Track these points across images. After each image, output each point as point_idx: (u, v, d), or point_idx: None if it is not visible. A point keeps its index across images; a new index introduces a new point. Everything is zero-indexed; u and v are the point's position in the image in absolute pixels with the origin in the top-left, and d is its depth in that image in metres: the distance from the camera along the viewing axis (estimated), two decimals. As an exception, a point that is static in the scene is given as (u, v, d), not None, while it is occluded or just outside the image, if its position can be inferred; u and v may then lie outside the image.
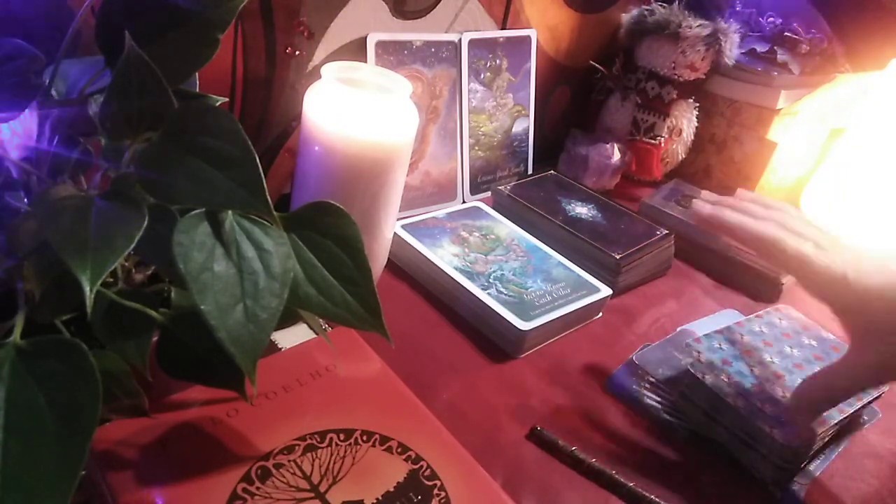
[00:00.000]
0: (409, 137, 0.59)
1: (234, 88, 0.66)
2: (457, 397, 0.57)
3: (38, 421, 0.29)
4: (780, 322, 0.66)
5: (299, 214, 0.39)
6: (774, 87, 0.94)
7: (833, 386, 0.53)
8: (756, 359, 0.60)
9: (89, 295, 0.28)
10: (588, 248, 0.76)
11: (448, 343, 0.64)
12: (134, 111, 0.34)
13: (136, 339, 0.36)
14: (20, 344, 0.31)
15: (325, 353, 0.49)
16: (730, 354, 0.60)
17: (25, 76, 0.36)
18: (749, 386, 0.56)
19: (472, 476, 0.43)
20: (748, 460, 0.56)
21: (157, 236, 0.33)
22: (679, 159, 1.04)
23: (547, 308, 0.65)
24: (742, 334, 0.63)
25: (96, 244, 0.30)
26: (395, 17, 0.74)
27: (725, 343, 0.61)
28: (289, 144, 0.73)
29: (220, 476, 0.39)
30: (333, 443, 0.43)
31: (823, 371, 0.55)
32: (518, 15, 0.87)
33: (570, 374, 0.63)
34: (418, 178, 0.80)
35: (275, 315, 0.34)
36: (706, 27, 0.92)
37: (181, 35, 0.37)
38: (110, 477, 0.38)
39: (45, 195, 0.33)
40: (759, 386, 0.57)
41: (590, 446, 0.55)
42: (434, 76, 0.79)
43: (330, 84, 0.57)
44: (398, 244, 0.71)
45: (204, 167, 0.33)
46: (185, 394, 0.44)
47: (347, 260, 0.39)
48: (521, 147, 0.93)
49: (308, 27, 0.67)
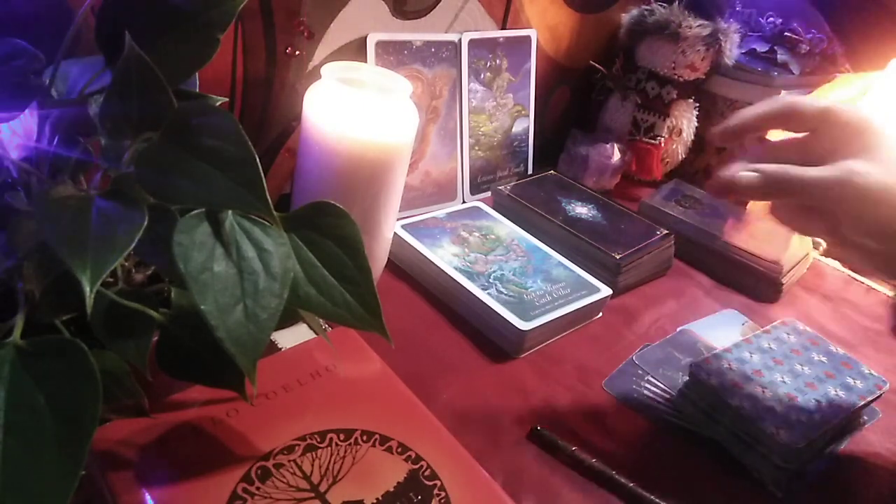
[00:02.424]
0: (409, 137, 0.59)
1: (234, 88, 0.66)
2: (457, 397, 0.57)
3: (38, 421, 0.29)
4: (789, 338, 0.66)
5: (299, 214, 0.39)
6: (774, 87, 0.94)
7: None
8: (767, 379, 0.59)
9: (89, 295, 0.28)
10: (588, 248, 0.76)
11: (448, 343, 0.64)
12: (134, 111, 0.34)
13: (136, 339, 0.36)
14: (20, 344, 0.31)
15: (325, 353, 0.49)
16: (739, 375, 0.59)
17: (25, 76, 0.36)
18: (763, 408, 0.56)
19: (472, 476, 0.43)
20: (748, 460, 0.56)
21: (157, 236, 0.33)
22: (679, 159, 1.04)
23: (547, 308, 0.65)
24: (751, 352, 0.62)
25: (96, 244, 0.30)
26: (395, 17, 0.74)
27: (735, 363, 0.61)
28: (289, 144, 0.73)
29: (220, 476, 0.39)
30: (333, 443, 0.43)
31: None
32: (518, 15, 0.87)
33: (570, 374, 0.63)
34: (418, 178, 0.80)
35: (275, 315, 0.34)
36: (706, 27, 0.92)
37: (181, 35, 0.37)
38: (110, 477, 0.38)
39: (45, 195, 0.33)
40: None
41: (590, 446, 0.55)
42: (434, 76, 0.79)
43: (330, 84, 0.57)
44: (398, 244, 0.71)
45: (204, 167, 0.33)
46: (185, 394, 0.44)
47: (347, 260, 0.39)
48: (521, 147, 0.93)
49: (308, 27, 0.67)
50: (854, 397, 0.59)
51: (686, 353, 0.68)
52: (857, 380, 0.62)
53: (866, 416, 0.64)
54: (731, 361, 0.60)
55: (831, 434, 0.58)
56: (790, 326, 0.68)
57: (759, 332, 0.66)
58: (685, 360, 0.67)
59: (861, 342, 0.77)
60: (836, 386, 0.60)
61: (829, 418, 0.56)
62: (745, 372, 0.60)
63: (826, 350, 0.65)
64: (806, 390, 0.59)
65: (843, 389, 0.60)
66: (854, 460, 0.59)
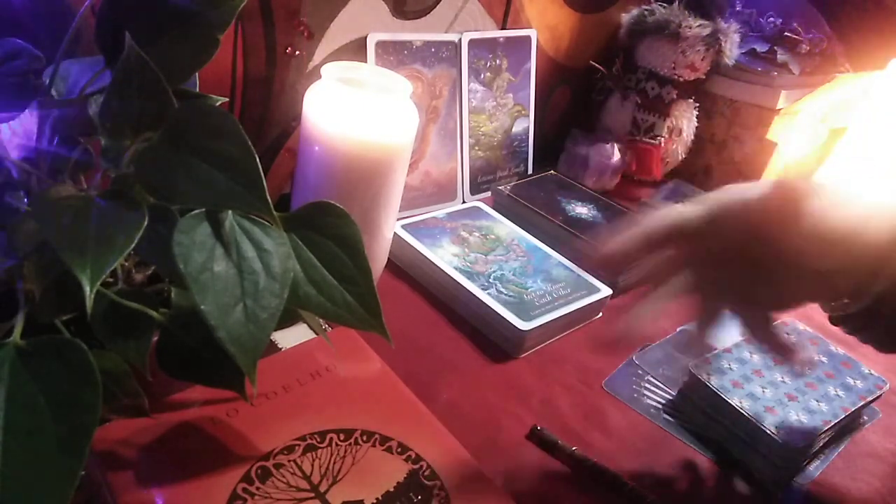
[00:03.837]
0: (409, 137, 0.59)
1: (234, 88, 0.66)
2: (457, 397, 0.57)
3: (38, 421, 0.29)
4: (789, 338, 0.66)
5: (299, 214, 0.39)
6: (774, 87, 0.94)
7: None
8: (767, 379, 0.59)
9: (89, 295, 0.28)
10: (588, 249, 0.76)
11: (448, 343, 0.64)
12: (134, 111, 0.34)
13: (136, 339, 0.36)
14: (20, 344, 0.31)
15: (325, 353, 0.49)
16: (739, 375, 0.59)
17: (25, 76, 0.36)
18: (762, 408, 0.56)
19: (472, 476, 0.43)
20: (748, 460, 0.56)
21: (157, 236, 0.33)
22: (679, 159, 1.04)
23: (547, 308, 0.65)
24: (751, 352, 0.62)
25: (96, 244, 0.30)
26: (395, 17, 0.74)
27: (735, 363, 0.61)
28: (289, 144, 0.73)
29: (220, 476, 0.39)
30: (333, 443, 0.43)
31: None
32: (518, 15, 0.87)
33: (570, 375, 0.63)
34: (418, 178, 0.80)
35: (275, 315, 0.34)
36: (706, 27, 0.92)
37: (181, 35, 0.37)
38: (110, 477, 0.38)
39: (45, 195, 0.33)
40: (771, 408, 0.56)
41: (590, 446, 0.55)
42: (434, 76, 0.79)
43: (330, 84, 0.57)
44: (398, 244, 0.71)
45: (204, 167, 0.33)
46: (185, 394, 0.44)
47: (347, 260, 0.39)
48: (521, 147, 0.93)
49: (308, 27, 0.67)
50: (854, 397, 0.59)
51: (686, 352, 0.68)
52: (856, 380, 0.62)
53: (866, 416, 0.64)
54: (731, 361, 0.60)
55: (831, 434, 0.58)
56: (790, 326, 0.68)
57: None
58: (685, 360, 0.67)
59: (861, 342, 0.76)
60: (836, 386, 0.60)
61: (828, 418, 0.56)
62: (745, 372, 0.60)
63: (826, 350, 0.65)
64: (806, 390, 0.59)
65: (843, 389, 0.60)
66: (854, 460, 0.59)
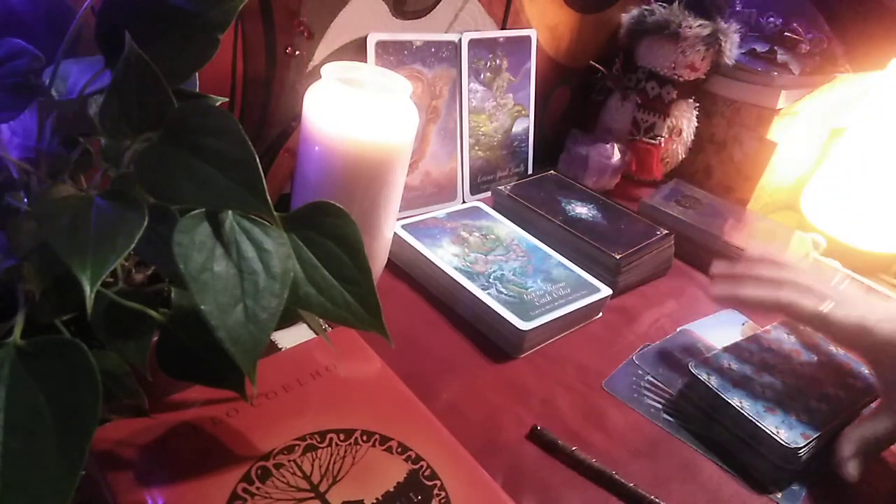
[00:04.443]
0: (409, 137, 0.59)
1: (234, 88, 0.66)
2: (457, 397, 0.57)
3: (38, 421, 0.29)
4: (789, 338, 0.66)
5: (299, 214, 0.39)
6: (774, 87, 0.94)
7: (872, 438, 0.55)
8: (767, 379, 0.59)
9: (89, 295, 0.28)
10: (588, 248, 0.76)
11: (448, 343, 0.64)
12: (134, 111, 0.34)
13: (136, 339, 0.36)
14: (20, 344, 0.31)
15: (325, 353, 0.49)
16: (739, 375, 0.59)
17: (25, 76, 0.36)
18: (762, 408, 0.56)
19: (472, 476, 0.43)
20: (748, 460, 0.56)
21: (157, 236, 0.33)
22: (679, 159, 1.04)
23: (547, 308, 0.65)
24: (751, 352, 0.62)
25: (96, 244, 0.30)
26: (395, 17, 0.74)
27: (735, 362, 0.60)
28: (289, 144, 0.73)
29: (220, 476, 0.39)
30: (333, 443, 0.43)
31: (863, 421, 0.57)
32: (518, 15, 0.87)
33: (570, 374, 0.63)
34: (418, 178, 0.80)
35: (275, 315, 0.34)
36: (706, 27, 0.92)
37: (181, 35, 0.37)
38: (110, 477, 0.38)
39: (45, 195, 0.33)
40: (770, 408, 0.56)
41: (590, 446, 0.55)
42: (434, 76, 0.79)
43: (330, 84, 0.57)
44: (398, 244, 0.71)
45: (204, 167, 0.33)
46: (185, 394, 0.44)
47: (347, 260, 0.39)
48: (521, 147, 0.93)
49: (308, 27, 0.67)
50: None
51: (686, 353, 0.68)
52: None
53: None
54: (731, 361, 0.60)
55: (831, 434, 0.58)
56: (790, 326, 0.68)
57: (759, 332, 0.66)
58: (685, 360, 0.67)
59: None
60: (836, 386, 0.60)
61: (828, 418, 0.56)
62: (745, 372, 0.60)
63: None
64: (806, 391, 0.59)
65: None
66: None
